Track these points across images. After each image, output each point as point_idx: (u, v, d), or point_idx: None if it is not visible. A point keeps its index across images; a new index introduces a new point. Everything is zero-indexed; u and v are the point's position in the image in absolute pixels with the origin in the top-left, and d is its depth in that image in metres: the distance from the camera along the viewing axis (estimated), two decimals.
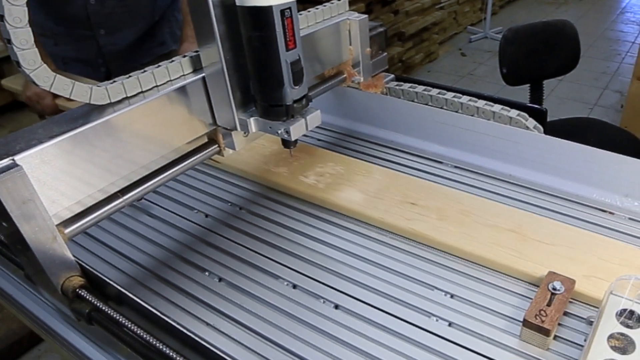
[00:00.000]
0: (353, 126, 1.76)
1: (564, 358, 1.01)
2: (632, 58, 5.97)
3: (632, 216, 1.35)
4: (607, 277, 1.13)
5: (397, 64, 5.79)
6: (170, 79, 1.03)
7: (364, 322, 1.09)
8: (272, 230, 1.34)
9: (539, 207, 1.39)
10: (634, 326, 0.96)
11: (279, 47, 1.00)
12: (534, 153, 1.46)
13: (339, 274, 1.21)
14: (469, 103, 1.62)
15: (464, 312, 1.10)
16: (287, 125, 1.08)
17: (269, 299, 1.15)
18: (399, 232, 1.30)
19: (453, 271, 1.21)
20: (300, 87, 1.07)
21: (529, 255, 1.20)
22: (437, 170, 1.54)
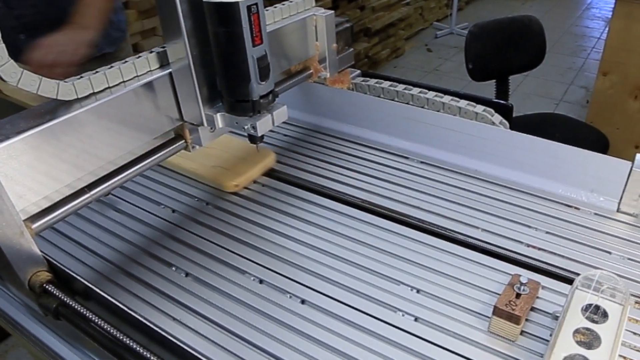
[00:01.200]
0: (319, 122, 1.77)
1: (530, 353, 1.02)
2: (598, 54, 6.01)
3: (598, 211, 1.37)
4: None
5: (363, 60, 5.79)
6: (137, 75, 1.03)
7: (330, 317, 1.10)
8: (239, 225, 1.34)
9: (505, 202, 1.40)
10: (599, 321, 0.98)
11: (246, 43, 1.00)
12: (499, 148, 1.47)
13: (305, 269, 1.21)
14: (435, 99, 1.63)
15: (430, 307, 1.11)
16: (253, 121, 1.08)
17: (236, 293, 1.15)
18: (363, 229, 1.30)
19: (419, 266, 1.21)
20: (266, 82, 1.08)
21: None
22: (403, 165, 1.55)
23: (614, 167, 1.35)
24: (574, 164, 1.38)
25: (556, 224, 1.32)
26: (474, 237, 1.29)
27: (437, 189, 1.43)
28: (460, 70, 5.55)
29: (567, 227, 1.32)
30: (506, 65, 3.09)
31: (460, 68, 5.48)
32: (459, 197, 1.40)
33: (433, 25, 7.40)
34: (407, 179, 1.48)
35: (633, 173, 1.31)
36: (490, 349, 1.03)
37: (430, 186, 1.45)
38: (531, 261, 1.22)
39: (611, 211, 1.38)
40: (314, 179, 1.49)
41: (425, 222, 1.33)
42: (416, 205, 1.38)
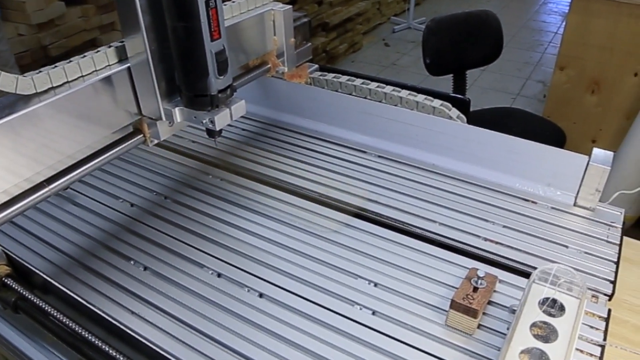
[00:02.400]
0: (277, 116, 1.77)
1: (487, 346, 1.03)
2: (555, 48, 6.07)
3: (555, 205, 1.39)
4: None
5: (321, 54, 5.79)
6: (95, 69, 1.03)
7: (288, 310, 1.10)
8: (197, 219, 1.34)
9: (462, 196, 1.42)
10: (556, 315, 0.99)
11: (204, 37, 1.01)
12: (457, 143, 1.48)
13: (263, 262, 1.22)
14: (393, 93, 1.64)
15: (387, 300, 1.12)
16: (211, 115, 1.09)
17: (194, 287, 1.15)
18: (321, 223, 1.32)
19: (377, 260, 1.22)
20: (224, 77, 1.08)
21: None
22: (361, 159, 1.56)
23: (571, 161, 1.37)
24: (531, 158, 1.40)
25: (513, 218, 1.34)
26: (432, 231, 1.30)
27: (395, 183, 1.45)
28: (417, 64, 5.58)
29: (524, 221, 1.34)
30: (463, 59, 3.11)
31: (417, 62, 5.52)
32: (417, 192, 1.42)
33: (391, 20, 7.41)
34: (365, 173, 1.49)
35: (590, 167, 1.33)
36: (447, 343, 1.04)
37: (388, 180, 1.46)
38: (489, 255, 1.24)
39: (568, 205, 1.40)
40: (272, 173, 1.49)
41: (383, 216, 1.34)
42: (374, 199, 1.39)
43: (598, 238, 1.30)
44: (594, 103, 3.40)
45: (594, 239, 1.29)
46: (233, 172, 1.46)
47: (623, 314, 1.15)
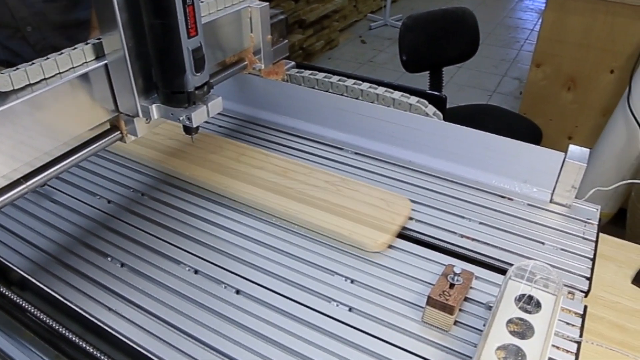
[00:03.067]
0: (254, 113, 1.77)
1: (463, 343, 1.04)
2: (531, 45, 6.11)
3: (531, 202, 1.41)
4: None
5: (297, 51, 5.79)
6: (73, 66, 1.03)
7: (265, 307, 1.11)
8: (174, 216, 1.35)
9: (439, 192, 1.43)
10: (532, 311, 0.99)
11: (181, 34, 1.00)
12: (433, 139, 1.49)
13: (240, 259, 1.23)
14: (369, 90, 1.64)
15: (364, 297, 1.13)
16: (188, 112, 1.09)
17: (171, 284, 1.16)
18: (298, 222, 1.33)
19: (353, 256, 1.23)
20: (201, 74, 1.08)
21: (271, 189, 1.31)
22: (337, 156, 1.57)
23: (547, 158, 1.39)
24: (508, 155, 1.41)
25: (490, 215, 1.35)
26: (408, 227, 1.31)
27: (372, 180, 1.45)
28: (394, 61, 5.60)
29: (500, 218, 1.35)
30: (440, 56, 3.12)
31: (394, 59, 5.53)
32: (393, 188, 1.42)
33: (367, 17, 7.42)
34: (342, 170, 1.50)
35: (566, 164, 1.35)
36: (424, 339, 1.05)
37: (365, 177, 1.47)
38: (465, 252, 1.25)
39: (544, 202, 1.41)
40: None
41: None
42: None
43: (574, 235, 1.31)
44: (570, 100, 3.42)
45: (570, 235, 1.31)
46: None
47: (599, 310, 1.16)
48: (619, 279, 1.25)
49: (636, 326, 1.17)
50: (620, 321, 1.17)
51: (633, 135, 2.77)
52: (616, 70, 3.17)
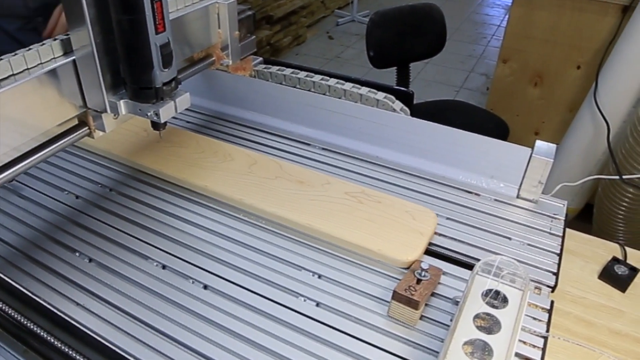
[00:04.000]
0: (222, 108, 1.78)
1: (430, 338, 1.04)
2: (498, 41, 6.15)
3: (498, 197, 1.42)
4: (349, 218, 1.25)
5: (265, 47, 5.79)
6: (41, 62, 1.02)
7: (232, 302, 1.11)
8: (142, 211, 1.35)
9: (406, 188, 1.44)
10: (499, 306, 1.00)
11: (149, 30, 1.00)
12: (400, 135, 1.50)
13: (207, 254, 1.23)
14: (337, 86, 1.65)
15: (331, 292, 1.14)
16: (156, 108, 1.09)
17: (139, 279, 1.16)
18: (263, 215, 1.33)
19: (320, 252, 1.24)
20: (169, 70, 1.08)
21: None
22: (304, 152, 1.58)
23: (513, 153, 1.40)
24: (475, 150, 1.42)
25: (457, 210, 1.37)
26: None
27: (339, 176, 1.46)
28: (361, 57, 5.60)
29: (467, 213, 1.36)
30: (407, 52, 3.13)
31: (361, 55, 5.54)
32: (361, 184, 1.43)
33: (334, 12, 7.42)
34: (309, 166, 1.50)
35: (533, 159, 1.36)
36: (390, 334, 1.05)
37: (332, 172, 1.48)
38: (432, 247, 1.26)
39: (511, 197, 1.43)
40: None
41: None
42: None
43: (541, 230, 1.33)
44: (536, 96, 3.45)
45: (537, 230, 1.32)
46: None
47: (566, 305, 1.18)
48: (585, 274, 1.26)
49: (603, 321, 1.18)
50: (587, 316, 1.18)
51: (599, 130, 2.79)
52: (583, 65, 3.20)
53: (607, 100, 2.75)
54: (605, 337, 1.15)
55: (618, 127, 2.73)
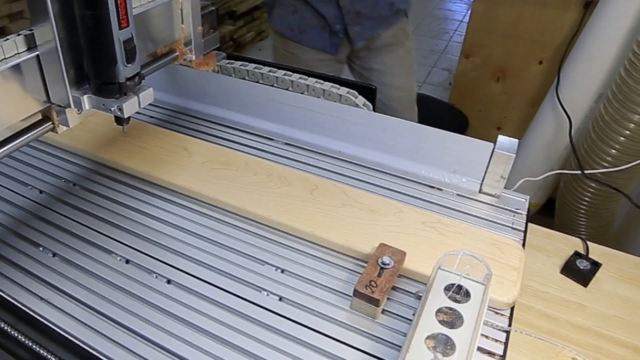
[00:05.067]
0: (185, 103, 1.78)
1: (393, 332, 1.05)
2: (460, 36, 6.15)
3: (460, 192, 1.43)
4: (434, 253, 1.18)
5: (228, 43, 5.77)
6: (4, 57, 1.02)
7: (196, 296, 1.12)
8: (106, 206, 1.35)
9: (368, 183, 1.45)
10: (461, 300, 1.00)
11: (112, 25, 1.01)
12: (363, 130, 1.51)
13: (171, 249, 1.23)
14: (299, 81, 1.66)
15: (294, 286, 1.14)
16: (120, 103, 1.09)
17: (103, 273, 1.16)
18: (230, 209, 1.34)
19: (283, 246, 1.25)
20: (133, 65, 1.08)
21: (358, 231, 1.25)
22: (267, 147, 1.58)
23: (476, 148, 1.41)
24: (437, 145, 1.43)
25: (419, 205, 1.37)
26: None
27: (302, 170, 1.47)
28: None
29: (430, 208, 1.37)
30: None
31: None
32: (324, 179, 1.44)
33: None
34: (272, 160, 1.50)
35: (495, 154, 1.37)
36: (353, 328, 1.06)
37: (295, 167, 1.48)
38: None
39: (473, 192, 1.44)
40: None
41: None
42: None
43: (503, 225, 1.34)
44: (499, 91, 3.47)
45: (499, 225, 1.34)
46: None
47: (528, 300, 1.19)
48: (547, 268, 1.28)
49: (565, 315, 1.20)
50: (549, 310, 1.20)
51: (561, 126, 2.82)
52: (545, 61, 3.23)
53: (569, 96, 2.77)
54: (567, 331, 1.17)
55: (580, 122, 2.75)
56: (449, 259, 1.05)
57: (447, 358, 0.89)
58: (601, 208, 2.72)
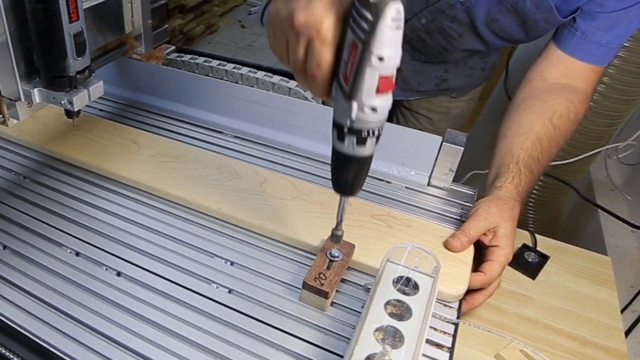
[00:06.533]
0: (135, 97, 1.78)
1: (342, 324, 1.06)
2: None
3: (409, 185, 1.45)
4: (383, 246, 1.19)
5: (178, 36, 5.76)
6: None
7: (145, 289, 1.12)
8: (56, 199, 1.34)
9: (317, 175, 1.46)
10: (410, 293, 1.00)
11: (62, 19, 1.01)
12: (312, 123, 1.52)
13: (121, 241, 1.23)
14: (249, 74, 1.67)
15: (243, 279, 1.15)
16: (70, 96, 1.09)
17: (53, 266, 1.16)
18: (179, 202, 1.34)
19: (233, 239, 1.25)
20: (83, 58, 1.09)
21: (307, 224, 1.26)
22: (217, 140, 1.59)
23: (425, 141, 1.42)
24: (386, 138, 1.41)
25: (369, 198, 1.39)
26: None
27: (251, 163, 1.48)
28: None
29: (378, 201, 1.38)
30: None
31: None
32: (273, 171, 1.45)
33: (247, 1, 7.42)
34: (222, 153, 1.51)
35: (443, 148, 1.39)
36: (302, 320, 1.07)
37: (245, 160, 1.49)
38: None
39: (422, 185, 1.46)
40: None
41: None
42: None
43: (452, 217, 1.36)
44: None
45: (448, 218, 1.36)
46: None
47: None
48: None
49: (513, 308, 1.23)
50: (497, 303, 1.23)
51: None
52: None
53: (517, 89, 2.80)
54: (515, 323, 1.20)
55: None
56: (397, 251, 1.05)
57: (396, 350, 0.90)
58: (549, 201, 2.76)
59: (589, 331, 1.24)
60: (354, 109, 0.84)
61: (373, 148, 0.93)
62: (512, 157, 1.37)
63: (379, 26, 0.74)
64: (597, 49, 1.48)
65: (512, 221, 1.24)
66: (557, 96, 1.48)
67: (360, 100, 0.83)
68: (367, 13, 0.74)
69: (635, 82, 2.33)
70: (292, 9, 0.83)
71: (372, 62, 0.77)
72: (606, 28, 1.43)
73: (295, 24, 0.83)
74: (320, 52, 0.83)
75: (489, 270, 1.17)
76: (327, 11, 0.80)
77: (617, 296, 1.34)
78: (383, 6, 0.73)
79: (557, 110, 1.45)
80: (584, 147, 2.51)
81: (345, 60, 0.81)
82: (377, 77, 0.79)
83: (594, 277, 1.38)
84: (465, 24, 1.59)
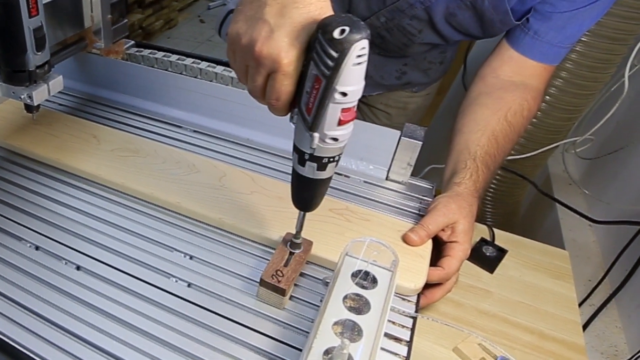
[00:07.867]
0: (95, 91, 1.77)
1: (300, 318, 1.07)
2: None
3: (367, 179, 1.46)
4: (341, 240, 1.20)
5: (137, 31, 5.73)
6: None
7: (105, 282, 1.12)
8: (15, 193, 1.34)
9: (276, 170, 1.47)
10: (368, 287, 1.01)
11: (22, 14, 1.01)
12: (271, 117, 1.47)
13: (80, 235, 1.23)
14: (208, 69, 1.67)
15: (202, 273, 1.16)
16: (29, 91, 1.10)
17: (12, 260, 1.16)
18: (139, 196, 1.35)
19: (192, 233, 1.26)
20: (42, 53, 1.09)
21: (266, 219, 1.27)
22: (176, 134, 1.59)
23: (383, 136, 1.43)
24: None
25: (327, 192, 1.35)
26: None
27: (211, 158, 1.48)
28: None
29: (337, 195, 1.39)
30: None
31: None
32: (232, 166, 1.45)
33: None
34: (181, 148, 1.52)
35: (402, 142, 1.40)
36: (261, 314, 1.08)
37: (204, 155, 1.50)
38: None
39: (380, 179, 1.46)
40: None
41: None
42: None
43: (410, 212, 1.37)
44: None
45: (406, 212, 1.36)
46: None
47: None
48: None
49: (471, 302, 1.25)
50: (456, 297, 1.24)
51: None
52: None
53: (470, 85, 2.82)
54: (473, 317, 1.22)
55: None
56: (356, 245, 1.06)
57: (355, 344, 0.90)
58: (507, 195, 2.79)
59: (546, 325, 1.26)
60: (315, 139, 0.86)
61: (333, 171, 0.94)
62: (469, 154, 1.39)
63: (344, 64, 0.75)
64: (549, 48, 1.51)
65: (471, 217, 1.27)
66: (511, 93, 1.51)
67: (322, 132, 0.84)
68: (331, 51, 0.75)
69: (593, 77, 2.36)
70: (254, 39, 0.84)
71: (335, 97, 0.78)
72: (558, 28, 1.46)
73: (256, 54, 0.84)
74: (281, 85, 0.85)
75: (448, 265, 1.20)
76: (289, 44, 0.81)
77: (574, 290, 1.37)
78: (349, 45, 0.73)
79: (511, 107, 1.47)
80: (542, 142, 2.53)
81: (308, 92, 0.82)
82: (340, 111, 0.80)
83: (552, 271, 1.41)
84: (424, 20, 1.61)
